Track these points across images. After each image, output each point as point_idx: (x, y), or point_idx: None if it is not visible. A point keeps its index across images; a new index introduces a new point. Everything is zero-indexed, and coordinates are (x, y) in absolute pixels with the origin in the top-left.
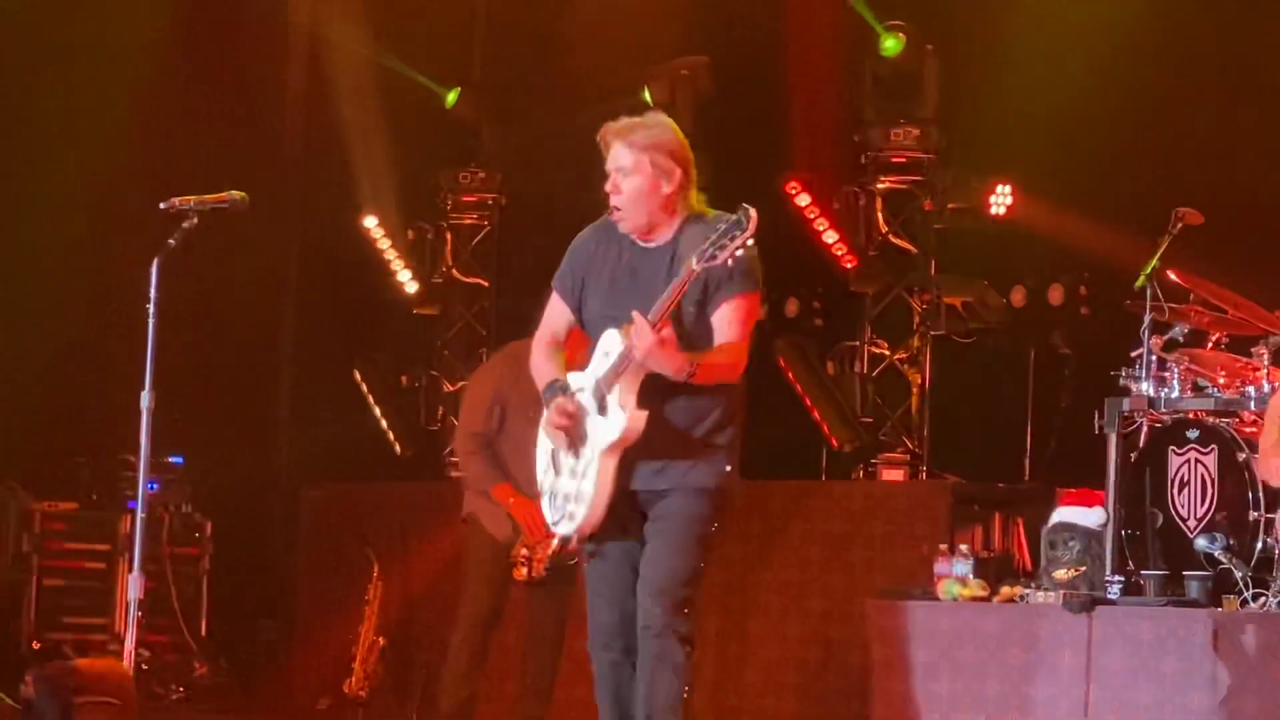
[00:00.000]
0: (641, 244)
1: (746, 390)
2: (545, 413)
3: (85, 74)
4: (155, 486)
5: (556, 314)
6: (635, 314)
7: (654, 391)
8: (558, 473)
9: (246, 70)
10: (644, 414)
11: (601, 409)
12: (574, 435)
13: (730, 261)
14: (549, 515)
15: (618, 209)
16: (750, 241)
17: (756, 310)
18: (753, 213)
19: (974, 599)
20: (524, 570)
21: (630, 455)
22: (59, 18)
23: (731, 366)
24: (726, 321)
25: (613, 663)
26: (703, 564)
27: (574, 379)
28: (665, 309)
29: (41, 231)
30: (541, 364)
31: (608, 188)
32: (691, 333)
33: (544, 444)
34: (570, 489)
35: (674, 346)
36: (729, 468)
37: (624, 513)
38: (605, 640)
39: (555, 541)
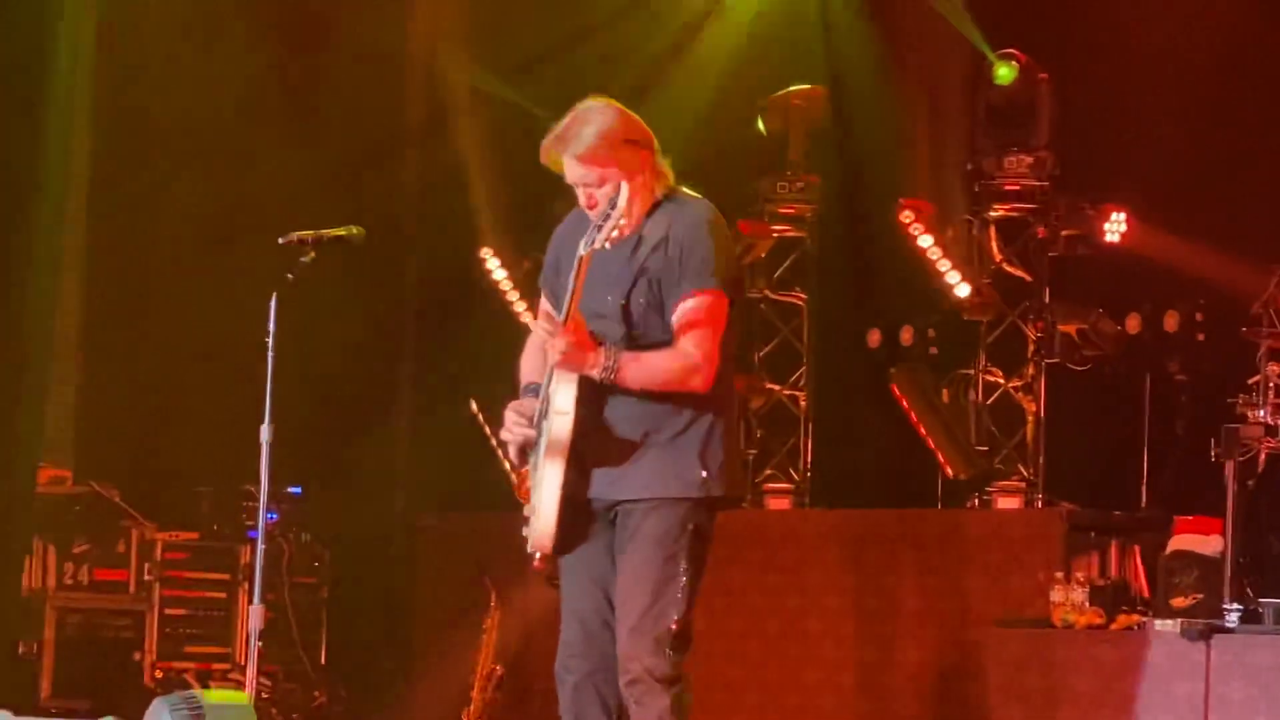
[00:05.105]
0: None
1: (733, 395)
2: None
3: (203, 110)
4: (275, 517)
5: (546, 313)
6: (544, 313)
7: (601, 390)
8: (532, 488)
9: (364, 104)
10: (568, 415)
11: (545, 412)
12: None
13: (611, 241)
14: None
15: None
16: (623, 221)
17: (720, 313)
18: (624, 185)
19: (1090, 627)
20: None
21: (585, 461)
22: (176, 51)
23: (680, 372)
24: (679, 324)
25: (574, 685)
26: (684, 582)
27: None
28: (571, 305)
29: (162, 266)
30: (522, 365)
31: (583, 203)
32: (644, 333)
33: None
34: (533, 502)
35: (584, 346)
36: (704, 474)
37: (585, 524)
38: (564, 659)
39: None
